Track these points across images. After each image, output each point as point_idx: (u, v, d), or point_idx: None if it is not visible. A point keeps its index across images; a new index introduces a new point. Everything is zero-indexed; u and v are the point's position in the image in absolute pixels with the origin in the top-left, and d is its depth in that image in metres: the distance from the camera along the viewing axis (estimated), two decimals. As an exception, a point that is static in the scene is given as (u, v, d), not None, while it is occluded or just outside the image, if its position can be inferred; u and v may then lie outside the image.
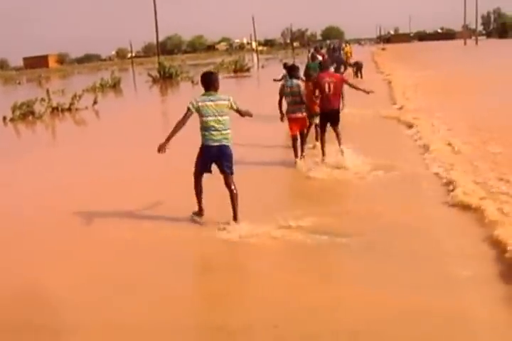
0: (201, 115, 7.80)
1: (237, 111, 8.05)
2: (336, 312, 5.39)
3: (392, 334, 4.92)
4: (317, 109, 11.75)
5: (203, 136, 7.91)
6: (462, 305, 5.35)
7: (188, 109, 7.80)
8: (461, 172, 9.89)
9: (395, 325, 5.05)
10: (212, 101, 7.81)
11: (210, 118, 7.77)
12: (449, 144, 12.46)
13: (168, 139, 7.79)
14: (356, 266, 6.53)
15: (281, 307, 5.53)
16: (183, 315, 5.66)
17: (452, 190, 8.87)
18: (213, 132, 7.80)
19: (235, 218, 7.90)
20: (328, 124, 11.67)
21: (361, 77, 30.16)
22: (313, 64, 16.68)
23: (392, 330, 4.97)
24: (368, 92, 12.10)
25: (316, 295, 5.75)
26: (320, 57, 18.54)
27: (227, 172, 7.94)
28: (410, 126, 14.99)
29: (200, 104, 7.78)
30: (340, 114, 11.78)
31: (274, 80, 16.32)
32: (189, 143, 8.42)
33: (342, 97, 11.99)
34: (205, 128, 7.84)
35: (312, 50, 21.41)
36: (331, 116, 11.53)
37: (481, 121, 15.03)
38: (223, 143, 7.87)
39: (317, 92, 11.49)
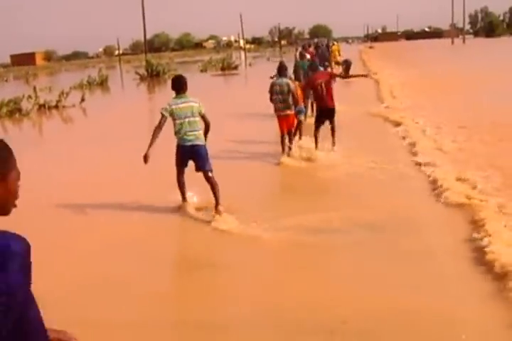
0: (174, 118, 8.25)
1: (203, 116, 8.35)
2: (316, 311, 5.37)
3: (379, 332, 4.95)
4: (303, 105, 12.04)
5: (177, 137, 8.37)
6: (449, 303, 5.37)
7: (162, 115, 8.28)
8: (446, 170, 10.01)
9: (380, 323, 5.07)
10: (184, 103, 8.26)
11: (182, 120, 8.22)
12: (435, 142, 12.63)
13: (150, 146, 8.27)
14: (344, 264, 6.61)
15: (264, 305, 5.54)
16: (168, 310, 5.71)
17: (438, 188, 8.98)
18: (187, 133, 8.24)
19: (216, 207, 8.25)
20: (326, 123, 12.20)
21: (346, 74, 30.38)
22: (301, 62, 16.58)
23: (378, 328, 5.00)
24: (363, 75, 12.61)
25: (299, 294, 5.76)
26: (308, 56, 18.52)
27: (203, 169, 8.35)
28: (397, 125, 15.10)
29: (173, 107, 8.26)
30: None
31: (271, 78, 16.41)
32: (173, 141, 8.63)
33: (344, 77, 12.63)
34: (178, 129, 8.29)
35: (300, 49, 21.40)
36: (327, 114, 12.09)
37: (467, 119, 15.16)
38: (196, 142, 8.32)
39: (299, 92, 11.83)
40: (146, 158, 8.23)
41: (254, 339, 4.98)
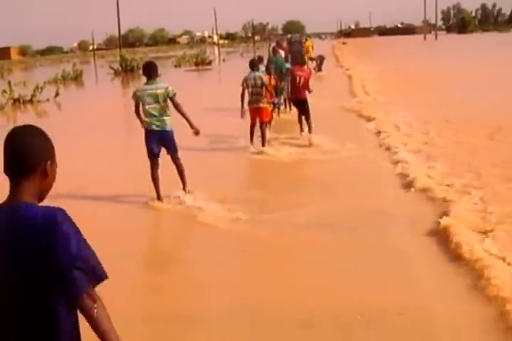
0: (142, 103, 8.50)
1: (172, 100, 8.52)
2: (281, 302, 5.42)
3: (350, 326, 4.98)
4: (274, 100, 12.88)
5: (145, 122, 8.60)
6: (417, 297, 5.45)
7: (133, 99, 8.66)
8: (415, 162, 10.40)
9: (350, 318, 5.09)
10: (152, 89, 8.47)
11: (149, 105, 8.45)
12: (407, 136, 13.05)
13: (142, 123, 8.71)
14: (314, 259, 6.64)
15: (238, 297, 5.59)
16: (142, 303, 5.77)
17: (407, 179, 9.32)
18: (154, 118, 8.49)
19: (184, 188, 8.73)
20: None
21: (319, 69, 30.77)
22: (274, 58, 16.84)
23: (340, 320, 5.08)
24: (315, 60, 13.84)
25: (269, 287, 5.83)
26: (282, 52, 18.81)
27: (171, 152, 8.67)
28: (369, 119, 15.44)
29: (138, 93, 8.57)
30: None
31: None
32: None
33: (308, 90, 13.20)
34: (145, 114, 8.53)
35: (274, 44, 21.66)
36: (298, 104, 13.10)
37: (439, 114, 15.56)
38: (163, 128, 8.54)
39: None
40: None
41: (228, 332, 4.99)
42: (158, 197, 8.65)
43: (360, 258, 6.50)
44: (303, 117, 13.21)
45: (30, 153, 2.23)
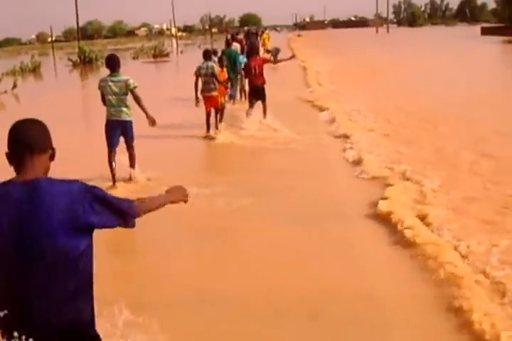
0: (104, 93, 9.05)
1: (132, 92, 8.96)
2: (223, 282, 5.64)
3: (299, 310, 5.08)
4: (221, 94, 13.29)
5: (107, 111, 9.11)
6: (364, 280, 5.65)
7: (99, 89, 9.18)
8: (366, 147, 11.01)
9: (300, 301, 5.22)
10: (113, 81, 8.99)
11: (110, 96, 8.99)
12: (357, 123, 13.84)
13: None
14: (256, 241, 6.84)
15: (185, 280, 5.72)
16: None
17: (356, 164, 9.99)
18: (113, 108, 9.02)
19: (130, 177, 9.32)
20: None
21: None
22: (228, 50, 17.33)
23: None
24: (290, 58, 15.75)
25: (218, 271, 6.00)
26: (236, 44, 19.41)
27: (128, 141, 9.22)
28: (323, 109, 16.08)
29: (101, 83, 9.11)
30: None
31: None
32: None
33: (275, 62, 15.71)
34: (107, 105, 9.08)
35: (229, 37, 22.23)
36: (256, 91, 13.95)
37: (389, 102, 16.45)
38: (123, 118, 9.04)
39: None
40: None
41: (181, 318, 5.02)
42: (114, 182, 9.04)
43: (307, 244, 6.66)
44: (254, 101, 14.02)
45: (43, 134, 2.72)
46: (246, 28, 31.76)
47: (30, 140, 2.65)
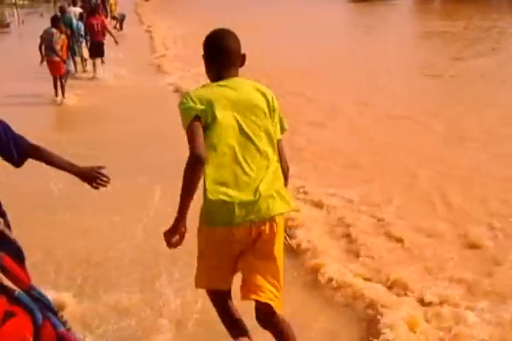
0: None
1: None
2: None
3: None
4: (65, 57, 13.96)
5: None
6: None
7: None
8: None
9: None
10: None
11: None
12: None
13: None
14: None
15: None
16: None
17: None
18: None
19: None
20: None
21: (121, 28, 30.94)
22: (63, 17, 16.97)
23: None
24: (115, 42, 16.73)
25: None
26: (75, 9, 19.02)
27: None
28: (167, 73, 16.45)
29: None
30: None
31: None
32: None
33: (110, 33, 16.88)
34: None
35: (66, 4, 21.80)
36: (97, 47, 16.23)
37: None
38: None
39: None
40: None
41: None
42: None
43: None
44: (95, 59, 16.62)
45: None
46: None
47: None
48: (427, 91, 12.83)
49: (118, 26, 30.72)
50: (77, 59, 17.72)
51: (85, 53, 17.48)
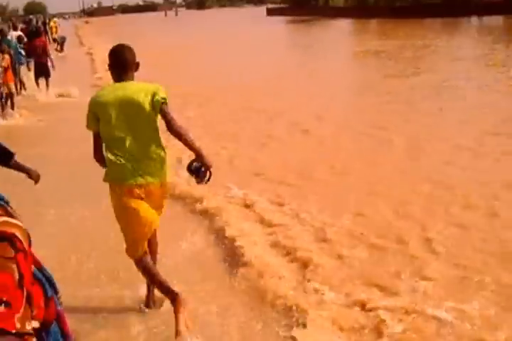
0: None
1: None
2: None
3: None
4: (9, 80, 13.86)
5: None
6: None
7: None
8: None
9: None
10: None
11: None
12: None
13: None
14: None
15: None
16: None
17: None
18: None
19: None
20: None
21: (61, 50, 31.00)
22: (4, 40, 16.83)
23: None
24: (52, 66, 17.36)
25: None
26: (16, 33, 19.12)
27: None
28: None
29: None
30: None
31: None
32: None
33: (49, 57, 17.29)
34: None
35: (8, 27, 21.78)
36: (41, 67, 16.87)
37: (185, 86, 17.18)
38: None
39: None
40: None
41: None
42: None
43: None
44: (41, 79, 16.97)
45: None
46: (31, 17, 31.22)
47: None
48: (364, 108, 13.28)
49: (59, 48, 30.81)
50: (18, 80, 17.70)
51: (25, 75, 17.60)
